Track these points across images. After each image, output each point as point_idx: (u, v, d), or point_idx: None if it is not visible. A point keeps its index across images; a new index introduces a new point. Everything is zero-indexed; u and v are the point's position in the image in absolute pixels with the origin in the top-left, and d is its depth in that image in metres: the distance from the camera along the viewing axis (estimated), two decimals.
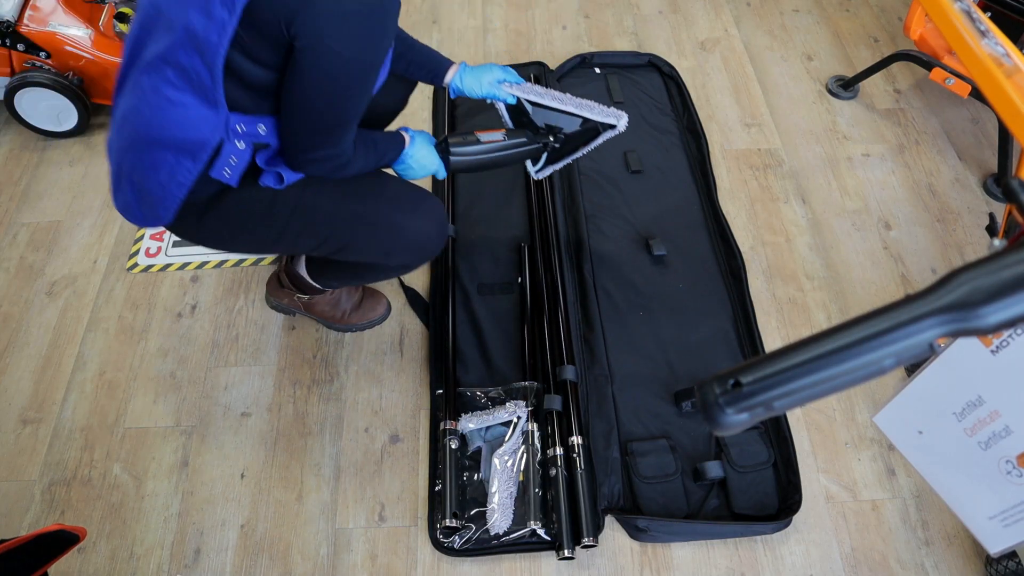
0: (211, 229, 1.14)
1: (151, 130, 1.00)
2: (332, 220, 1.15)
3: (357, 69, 0.98)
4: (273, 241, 1.18)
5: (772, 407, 0.49)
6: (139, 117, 1.01)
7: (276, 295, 1.55)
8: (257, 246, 1.21)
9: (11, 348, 1.58)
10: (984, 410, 0.78)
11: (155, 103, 0.99)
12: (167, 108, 0.98)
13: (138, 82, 1.01)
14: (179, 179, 1.02)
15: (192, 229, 1.14)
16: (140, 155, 1.03)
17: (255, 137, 1.04)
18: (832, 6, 2.35)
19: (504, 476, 1.34)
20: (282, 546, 1.33)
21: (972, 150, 1.93)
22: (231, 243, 1.20)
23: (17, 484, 1.40)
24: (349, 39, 0.93)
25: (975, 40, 1.25)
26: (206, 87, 0.96)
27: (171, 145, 1.00)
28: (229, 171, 1.04)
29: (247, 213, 1.12)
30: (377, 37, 0.96)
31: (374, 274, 1.36)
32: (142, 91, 1.00)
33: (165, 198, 1.04)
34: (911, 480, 1.39)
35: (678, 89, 2.07)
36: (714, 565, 1.30)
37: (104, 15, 1.90)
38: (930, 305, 0.47)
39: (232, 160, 1.03)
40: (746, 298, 1.61)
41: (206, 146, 1.00)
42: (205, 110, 0.98)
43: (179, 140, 0.99)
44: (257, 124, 1.03)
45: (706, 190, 1.82)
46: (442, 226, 1.26)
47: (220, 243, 1.19)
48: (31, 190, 1.86)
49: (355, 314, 1.55)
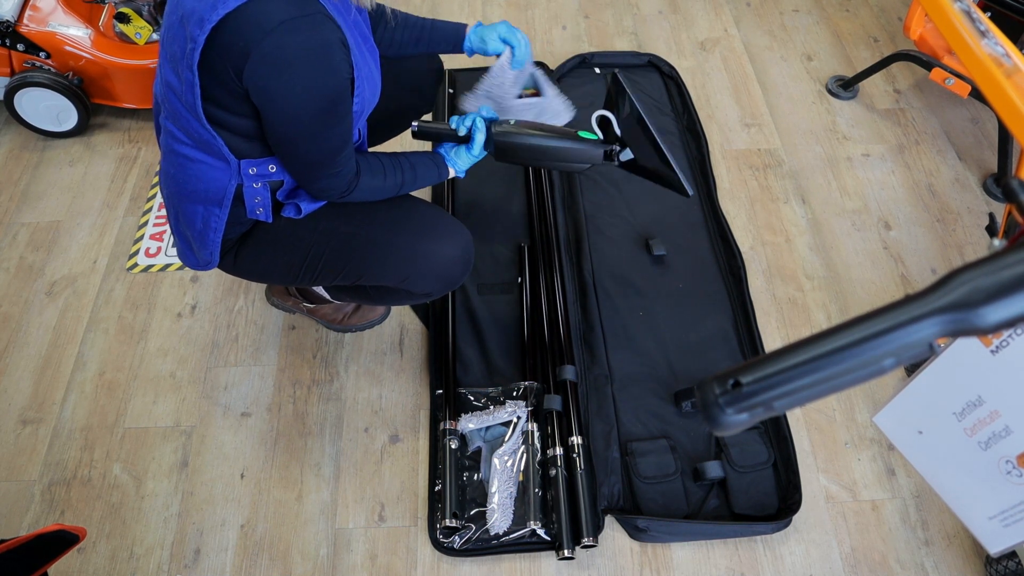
0: (247, 262, 1.21)
1: (180, 187, 1.10)
2: (352, 245, 1.17)
3: (316, 106, 0.97)
4: (299, 268, 1.20)
5: (772, 407, 0.49)
6: (168, 177, 1.12)
7: (280, 297, 1.56)
8: (287, 275, 1.23)
9: (11, 348, 1.58)
10: (984, 410, 0.78)
11: (176, 163, 1.08)
12: (186, 166, 1.07)
13: (163, 138, 1.10)
14: (212, 225, 1.11)
15: (231, 265, 1.21)
16: (179, 209, 1.13)
17: (268, 177, 1.09)
18: (832, 6, 2.35)
19: (504, 476, 1.34)
20: (282, 546, 1.33)
21: (972, 150, 1.93)
22: (266, 274, 1.26)
23: (17, 484, 1.40)
24: (296, 83, 0.93)
25: (975, 40, 1.25)
26: (207, 141, 1.02)
27: (198, 198, 1.09)
28: (262, 210, 1.12)
29: (273, 243, 1.17)
30: (324, 73, 0.95)
31: (395, 298, 1.35)
32: (166, 150, 1.10)
33: (206, 243, 1.14)
34: (911, 480, 1.39)
35: (678, 89, 2.07)
36: (714, 565, 1.30)
37: (104, 15, 1.90)
38: (930, 305, 0.47)
39: (257, 199, 1.11)
40: (746, 298, 1.61)
41: (228, 193, 1.08)
42: (215, 161, 1.05)
43: (203, 192, 1.08)
44: (267, 165, 1.08)
45: (706, 190, 1.82)
46: (467, 253, 1.24)
47: (257, 275, 1.26)
48: (31, 190, 1.86)
49: (355, 316, 1.55)
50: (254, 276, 1.27)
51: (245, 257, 1.20)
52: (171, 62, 0.98)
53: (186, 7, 0.92)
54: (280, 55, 0.91)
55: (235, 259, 1.20)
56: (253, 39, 0.89)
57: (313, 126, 0.99)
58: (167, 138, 1.08)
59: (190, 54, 0.92)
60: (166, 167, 1.12)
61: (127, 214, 1.80)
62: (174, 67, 0.97)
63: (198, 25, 0.90)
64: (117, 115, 2.01)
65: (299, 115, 0.97)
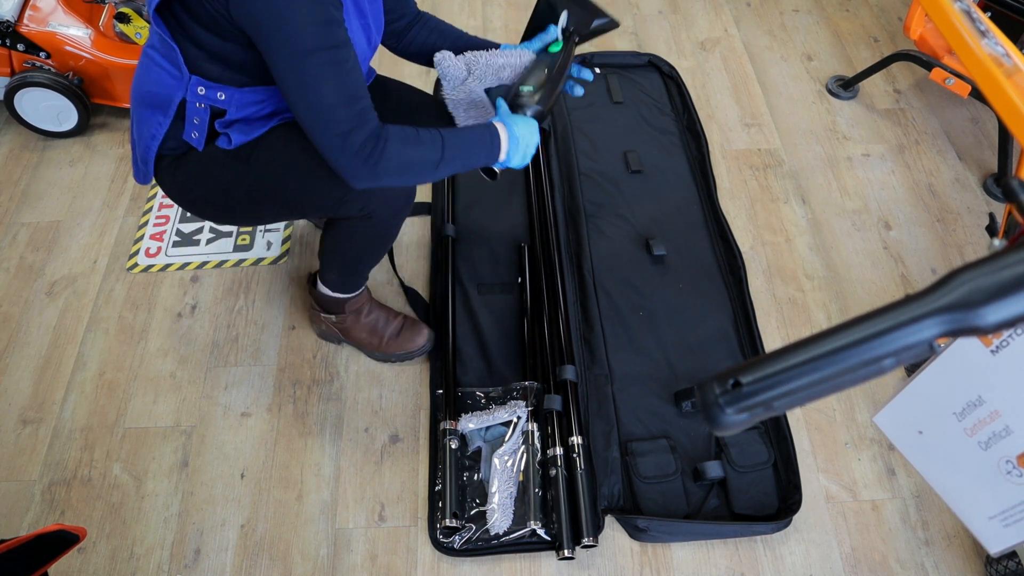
0: (181, 184, 1.21)
1: (138, 87, 1.13)
2: (280, 169, 1.15)
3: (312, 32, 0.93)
4: (231, 196, 1.19)
5: (772, 407, 0.49)
6: (135, 78, 1.15)
7: (315, 321, 1.55)
8: (219, 205, 1.23)
9: (11, 348, 1.58)
10: (984, 410, 0.78)
11: (142, 63, 1.12)
12: (148, 67, 1.10)
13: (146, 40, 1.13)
14: (152, 132, 1.13)
15: (169, 185, 1.22)
16: (134, 112, 1.16)
17: (213, 101, 1.09)
18: (832, 6, 2.35)
19: (504, 476, 1.34)
20: (282, 546, 1.33)
21: (972, 150, 1.93)
22: (200, 202, 1.24)
23: (17, 484, 1.40)
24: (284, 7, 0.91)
25: (975, 40, 1.25)
26: (168, 45, 1.04)
27: (148, 101, 1.11)
28: (196, 134, 1.13)
29: (206, 169, 1.17)
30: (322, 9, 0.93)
31: (354, 249, 1.32)
32: (143, 52, 1.13)
33: (145, 151, 1.15)
34: (911, 480, 1.39)
35: (678, 89, 2.07)
36: (714, 565, 1.30)
37: (104, 15, 1.90)
38: (930, 305, 0.47)
39: (196, 120, 1.11)
40: (746, 298, 1.61)
41: (172, 102, 1.09)
42: (170, 67, 1.07)
43: (152, 96, 1.10)
44: (217, 91, 1.08)
45: (706, 190, 1.83)
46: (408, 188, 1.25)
47: (191, 202, 1.24)
48: (31, 190, 1.86)
49: (394, 342, 1.51)
50: (190, 203, 1.24)
51: (180, 179, 1.19)
52: None
53: None
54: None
55: (172, 178, 1.20)
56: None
57: (312, 65, 0.94)
58: (148, 40, 1.11)
59: None
60: (137, 69, 1.15)
61: (127, 214, 1.80)
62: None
63: None
64: (117, 115, 2.01)
65: (294, 50, 0.93)
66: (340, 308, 1.47)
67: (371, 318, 1.50)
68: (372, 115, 1.01)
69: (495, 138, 1.11)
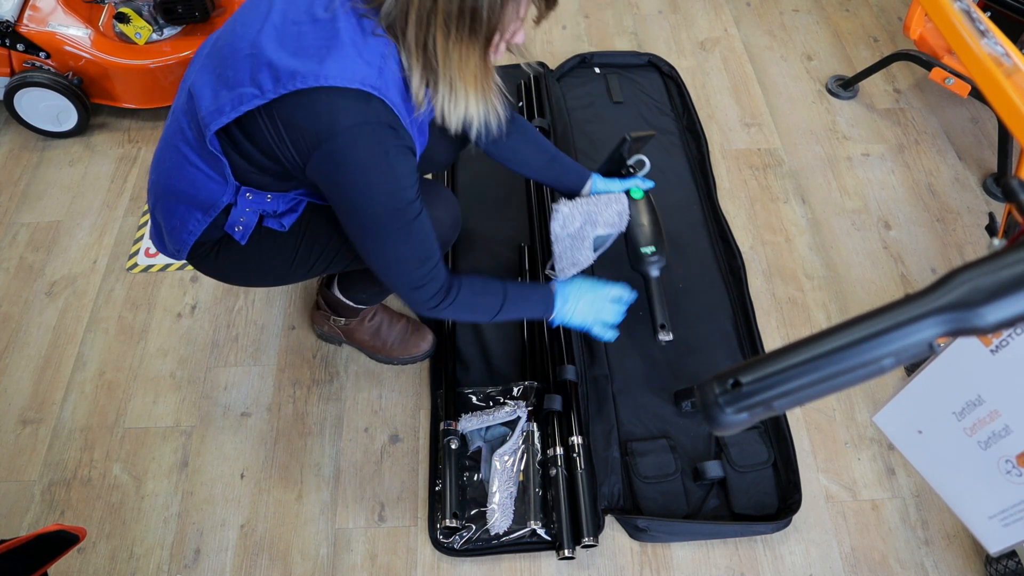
0: (227, 268, 1.18)
1: (169, 181, 1.07)
2: (336, 236, 1.15)
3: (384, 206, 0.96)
4: (288, 268, 1.18)
5: (772, 407, 0.49)
6: (161, 166, 1.08)
7: (318, 322, 1.54)
8: (275, 277, 1.23)
9: (11, 348, 1.58)
10: (984, 410, 0.78)
11: (174, 158, 1.04)
12: (183, 166, 1.03)
13: (171, 126, 1.06)
14: (190, 228, 1.09)
15: (211, 267, 1.18)
16: (160, 199, 1.10)
17: (262, 206, 1.07)
18: (832, 6, 2.35)
19: (504, 476, 1.34)
20: (282, 546, 1.33)
21: (972, 150, 1.93)
22: (250, 278, 1.23)
23: (17, 484, 1.40)
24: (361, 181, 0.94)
25: (975, 40, 1.25)
26: (212, 155, 0.99)
27: (184, 199, 1.06)
28: (240, 228, 1.10)
29: (257, 250, 1.14)
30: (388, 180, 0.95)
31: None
32: (169, 140, 1.06)
33: (177, 240, 1.11)
34: (911, 480, 1.39)
35: (678, 89, 2.07)
36: (714, 565, 1.30)
37: (104, 15, 1.90)
38: (930, 305, 0.47)
39: (242, 219, 1.08)
40: (746, 298, 1.61)
41: (216, 206, 1.05)
42: (214, 174, 1.02)
43: (191, 196, 1.06)
44: (265, 196, 1.06)
45: (706, 190, 1.82)
46: (455, 215, 1.25)
47: (240, 279, 1.23)
48: (31, 190, 1.86)
49: (398, 347, 1.51)
50: (237, 280, 1.24)
51: (225, 265, 1.17)
52: (217, 78, 0.96)
53: (262, 48, 0.91)
54: (346, 157, 0.91)
55: (215, 264, 1.17)
56: (324, 131, 0.90)
57: (383, 228, 0.98)
58: (175, 131, 1.04)
59: (247, 98, 0.91)
60: (163, 155, 1.08)
61: (127, 214, 1.80)
62: (218, 85, 0.95)
63: (272, 79, 0.89)
64: (117, 115, 2.01)
65: (366, 215, 0.97)
66: (353, 313, 1.46)
67: (375, 321, 1.50)
68: (442, 271, 1.07)
69: (549, 300, 1.23)
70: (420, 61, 0.93)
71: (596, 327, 1.28)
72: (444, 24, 0.88)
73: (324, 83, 0.87)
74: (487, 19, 0.89)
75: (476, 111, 0.99)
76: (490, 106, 1.02)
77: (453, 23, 0.88)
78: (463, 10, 0.87)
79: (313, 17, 0.92)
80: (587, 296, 1.25)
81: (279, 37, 0.91)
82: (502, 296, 1.16)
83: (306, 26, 0.91)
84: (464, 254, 1.70)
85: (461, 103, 0.97)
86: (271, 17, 0.94)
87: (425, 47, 0.91)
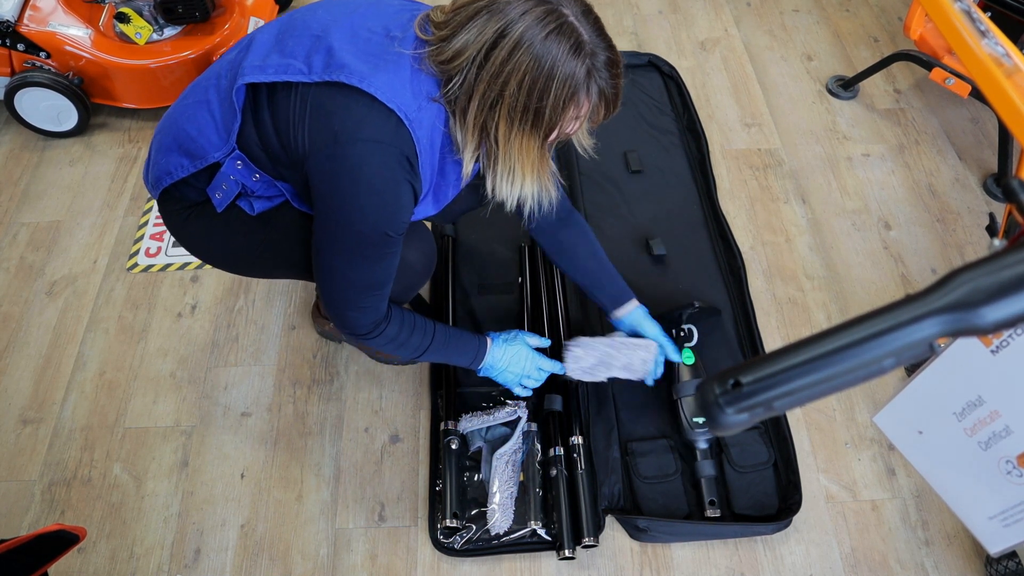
0: (193, 233, 1.16)
1: (181, 116, 1.07)
2: (297, 241, 1.12)
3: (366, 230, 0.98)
4: (246, 258, 1.17)
5: (772, 407, 0.49)
6: (183, 100, 1.09)
7: (319, 322, 1.54)
8: (232, 262, 1.21)
9: (11, 348, 1.58)
10: (984, 410, 0.78)
11: (198, 102, 1.05)
12: (200, 109, 1.04)
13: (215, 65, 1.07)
14: (170, 169, 1.08)
15: (179, 227, 1.17)
16: (163, 130, 1.10)
17: (245, 180, 1.06)
18: (832, 6, 2.35)
19: (504, 476, 1.34)
20: (282, 546, 1.33)
21: (972, 150, 1.93)
22: (209, 253, 1.20)
23: (17, 484, 1.40)
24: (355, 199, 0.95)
25: (975, 40, 1.25)
26: (233, 110, 1.00)
27: (181, 138, 1.06)
28: (220, 195, 1.08)
29: (223, 225, 1.13)
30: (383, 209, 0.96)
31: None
32: (203, 78, 1.07)
33: (157, 179, 1.10)
34: (911, 480, 1.39)
35: (678, 89, 2.07)
36: (714, 565, 1.30)
37: (104, 15, 1.90)
38: (930, 305, 0.47)
39: (224, 186, 1.07)
40: (746, 298, 1.61)
41: (204, 158, 1.04)
42: (220, 127, 1.02)
43: (188, 138, 1.05)
44: (253, 173, 1.05)
45: (706, 190, 1.82)
46: (428, 259, 1.25)
47: (200, 250, 1.20)
48: (31, 190, 1.86)
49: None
50: (200, 253, 1.21)
51: (194, 230, 1.15)
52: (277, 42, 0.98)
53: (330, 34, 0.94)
54: (352, 166, 0.92)
55: (184, 226, 1.15)
56: (344, 132, 0.91)
57: (356, 247, 0.99)
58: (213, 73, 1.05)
59: (292, 70, 0.93)
60: (189, 92, 1.08)
61: (127, 214, 1.80)
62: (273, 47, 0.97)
63: (323, 63, 0.92)
64: (117, 115, 2.01)
65: (346, 228, 0.97)
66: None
67: None
68: (385, 302, 1.08)
69: (480, 352, 1.25)
70: (475, 139, 0.98)
71: (515, 386, 1.33)
72: (508, 116, 0.94)
73: (367, 88, 0.90)
74: (549, 117, 0.94)
75: (531, 191, 1.04)
76: (543, 188, 1.07)
77: (517, 116, 0.94)
78: (528, 107, 0.93)
79: (387, 31, 0.96)
80: (518, 364, 1.29)
81: (351, 34, 0.95)
82: (430, 339, 1.17)
83: (378, 37, 0.95)
84: (465, 254, 1.70)
85: (517, 184, 1.02)
86: (354, 16, 0.97)
87: (484, 130, 0.96)
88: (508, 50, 0.89)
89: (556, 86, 0.91)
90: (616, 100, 1.00)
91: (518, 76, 0.90)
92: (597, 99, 0.97)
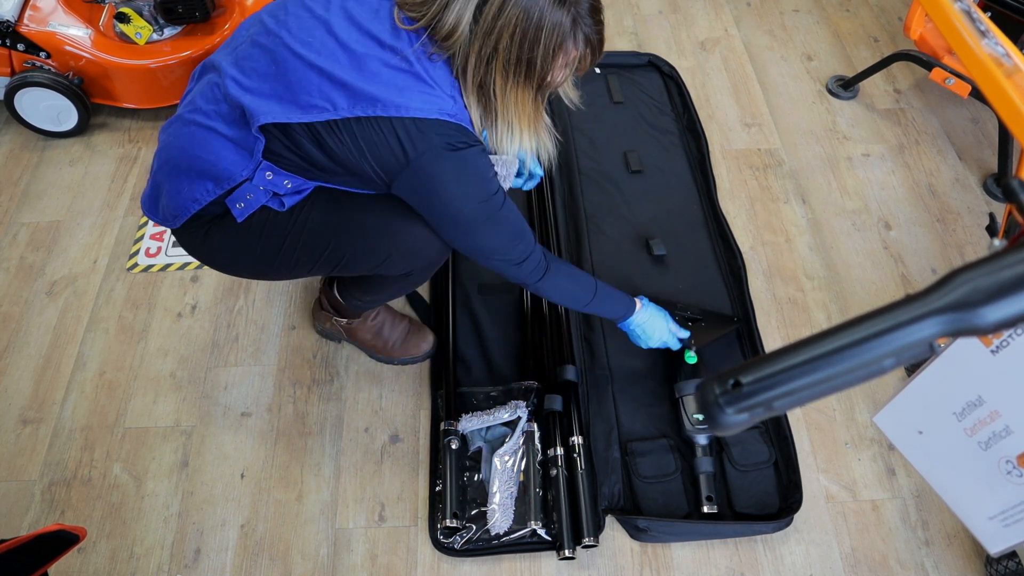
0: (215, 246, 1.15)
1: (186, 146, 1.07)
2: (328, 231, 1.13)
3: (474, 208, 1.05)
4: (272, 258, 1.16)
5: (772, 407, 0.49)
6: (179, 130, 1.08)
7: (319, 319, 1.54)
8: (258, 267, 1.20)
9: (11, 348, 1.58)
10: (984, 410, 0.78)
11: (191, 133, 1.06)
12: (206, 137, 1.04)
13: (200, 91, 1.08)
14: (196, 196, 1.07)
15: (197, 244, 1.16)
16: (168, 162, 1.09)
17: (277, 188, 1.06)
18: (832, 6, 2.35)
19: (504, 476, 1.34)
20: (282, 546, 1.33)
21: (972, 150, 1.93)
22: (234, 262, 1.20)
23: (17, 484, 1.40)
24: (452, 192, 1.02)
25: (975, 40, 1.25)
26: (251, 135, 1.01)
27: (198, 164, 1.06)
28: (242, 205, 1.08)
29: (247, 231, 1.12)
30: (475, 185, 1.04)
31: (386, 288, 1.33)
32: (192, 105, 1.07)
33: (177, 206, 1.09)
34: (911, 480, 1.39)
35: (678, 89, 2.07)
36: (714, 565, 1.30)
37: (104, 15, 1.90)
38: (930, 305, 0.47)
39: (249, 196, 1.06)
40: (746, 298, 1.61)
41: (231, 179, 1.05)
42: (238, 148, 1.03)
43: (205, 165, 1.06)
44: (284, 179, 1.05)
45: (706, 190, 1.82)
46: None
47: (221, 262, 1.20)
48: (31, 190, 1.86)
49: (399, 348, 1.51)
50: (221, 264, 1.21)
51: (214, 243, 1.14)
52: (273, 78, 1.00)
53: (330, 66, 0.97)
54: (432, 174, 1.00)
55: (203, 241, 1.14)
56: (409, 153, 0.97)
57: (476, 224, 1.07)
58: (207, 99, 1.05)
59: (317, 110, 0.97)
60: (182, 121, 1.07)
61: (127, 214, 1.80)
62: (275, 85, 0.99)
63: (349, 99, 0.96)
64: (117, 115, 2.01)
65: (458, 217, 1.06)
66: (355, 314, 1.46)
67: (377, 321, 1.50)
68: (536, 247, 1.16)
69: (630, 311, 1.35)
70: (476, 98, 1.03)
71: (653, 342, 1.39)
72: (503, 69, 0.99)
73: (405, 114, 0.95)
74: (540, 67, 1.00)
75: (529, 145, 1.10)
76: (540, 141, 1.13)
77: (511, 69, 0.99)
78: (520, 58, 0.98)
79: (377, 40, 0.98)
80: (660, 323, 1.38)
81: (350, 58, 0.97)
82: (592, 292, 1.27)
83: (374, 51, 0.97)
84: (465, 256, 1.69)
85: (516, 138, 1.08)
86: (333, 30, 0.99)
87: (482, 86, 1.01)
88: (497, 6, 0.95)
89: (545, 36, 0.96)
90: (601, 46, 1.05)
91: (509, 29, 0.95)
92: (584, 45, 1.02)
